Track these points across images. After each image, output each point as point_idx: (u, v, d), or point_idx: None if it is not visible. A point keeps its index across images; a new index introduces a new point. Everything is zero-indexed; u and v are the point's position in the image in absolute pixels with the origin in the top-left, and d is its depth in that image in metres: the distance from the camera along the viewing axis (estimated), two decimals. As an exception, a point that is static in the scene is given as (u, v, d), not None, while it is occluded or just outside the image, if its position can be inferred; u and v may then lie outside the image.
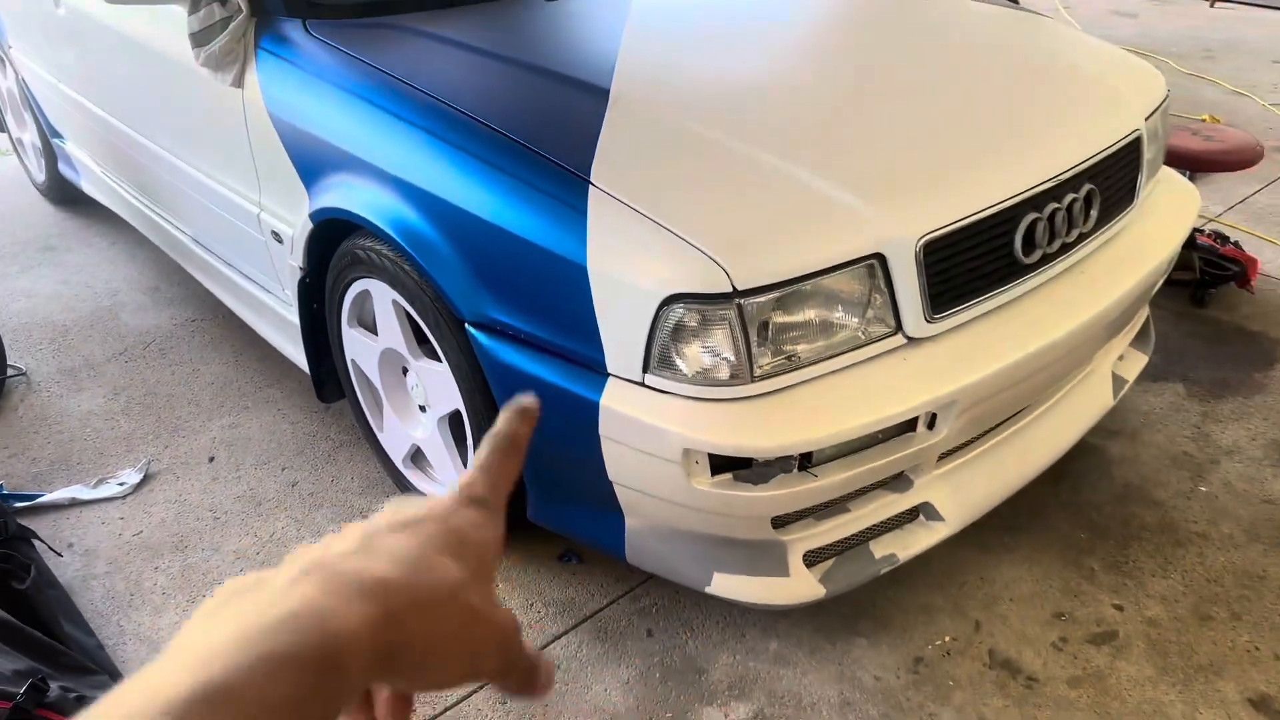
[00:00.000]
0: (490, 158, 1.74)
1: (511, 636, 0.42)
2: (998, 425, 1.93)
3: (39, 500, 2.34)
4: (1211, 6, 6.96)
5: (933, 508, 1.84)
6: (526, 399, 0.48)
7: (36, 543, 2.08)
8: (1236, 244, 3.20)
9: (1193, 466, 2.39)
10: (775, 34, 2.30)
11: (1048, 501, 2.27)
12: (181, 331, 3.00)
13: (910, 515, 1.86)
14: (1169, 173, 2.37)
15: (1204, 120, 4.41)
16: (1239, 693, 1.82)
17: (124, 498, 2.36)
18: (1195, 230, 3.15)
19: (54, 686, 1.54)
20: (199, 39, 2.15)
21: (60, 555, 2.16)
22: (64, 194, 3.86)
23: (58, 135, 3.52)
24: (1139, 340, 2.37)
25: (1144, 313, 2.38)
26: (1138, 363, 2.32)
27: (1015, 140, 1.87)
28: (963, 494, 1.88)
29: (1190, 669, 1.87)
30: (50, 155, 3.72)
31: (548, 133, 1.77)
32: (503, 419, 0.48)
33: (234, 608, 0.35)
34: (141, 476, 2.41)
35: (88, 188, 3.46)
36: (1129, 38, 6.08)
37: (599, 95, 1.86)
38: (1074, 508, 2.26)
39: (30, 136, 3.89)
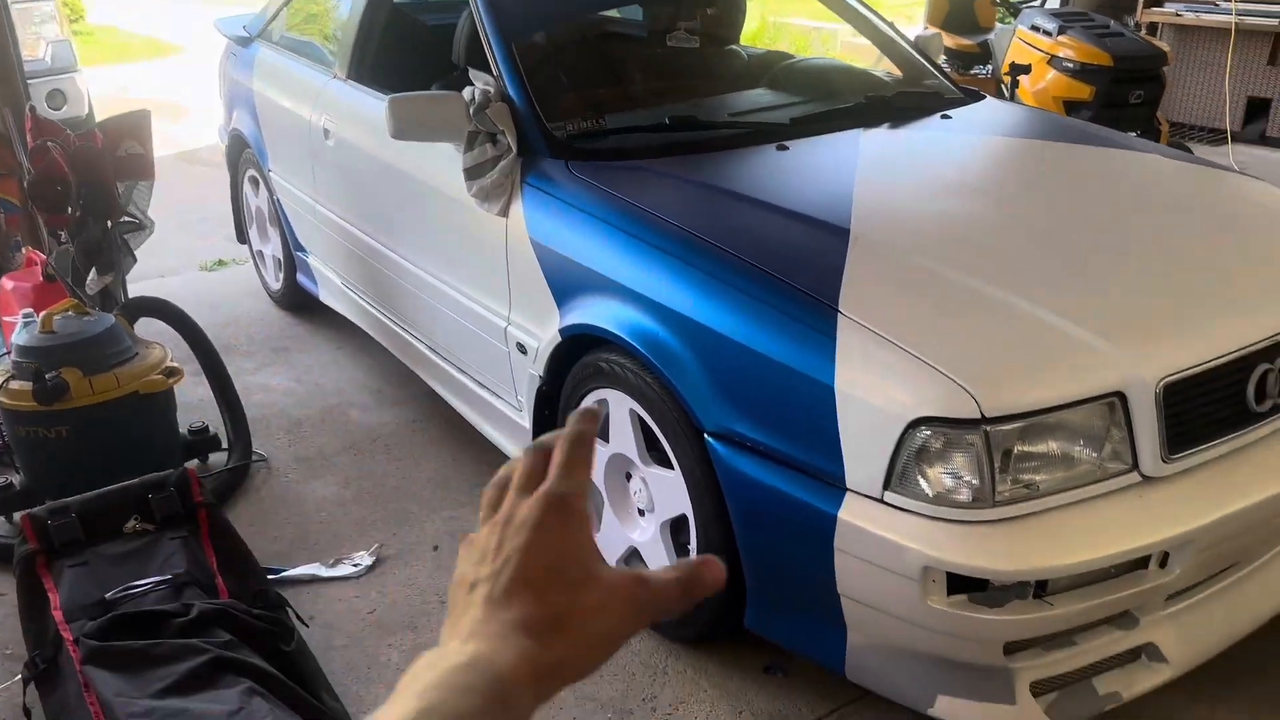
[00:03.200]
0: (740, 284, 1.92)
1: (631, 594, 0.51)
2: (1226, 570, 1.93)
3: (283, 574, 2.57)
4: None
5: (1156, 649, 1.85)
6: (588, 405, 0.61)
7: (289, 611, 2.29)
8: None
9: None
10: (997, 182, 2.45)
11: (1267, 656, 2.21)
12: (404, 430, 3.26)
13: (1133, 655, 1.86)
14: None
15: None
16: None
17: (357, 578, 2.56)
18: None
19: (330, 740, 1.70)
20: (471, 173, 2.45)
21: (306, 626, 2.36)
22: (294, 301, 4.29)
23: (301, 249, 3.95)
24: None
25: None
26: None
27: (1248, 292, 1.94)
28: (1188, 637, 1.88)
29: None
30: (290, 267, 4.16)
31: (794, 265, 1.94)
32: (571, 422, 0.57)
33: (426, 667, 0.49)
34: (373, 560, 2.62)
35: (325, 297, 3.85)
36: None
37: (840, 234, 2.03)
38: (1296, 665, 2.19)
39: (271, 249, 4.36)
